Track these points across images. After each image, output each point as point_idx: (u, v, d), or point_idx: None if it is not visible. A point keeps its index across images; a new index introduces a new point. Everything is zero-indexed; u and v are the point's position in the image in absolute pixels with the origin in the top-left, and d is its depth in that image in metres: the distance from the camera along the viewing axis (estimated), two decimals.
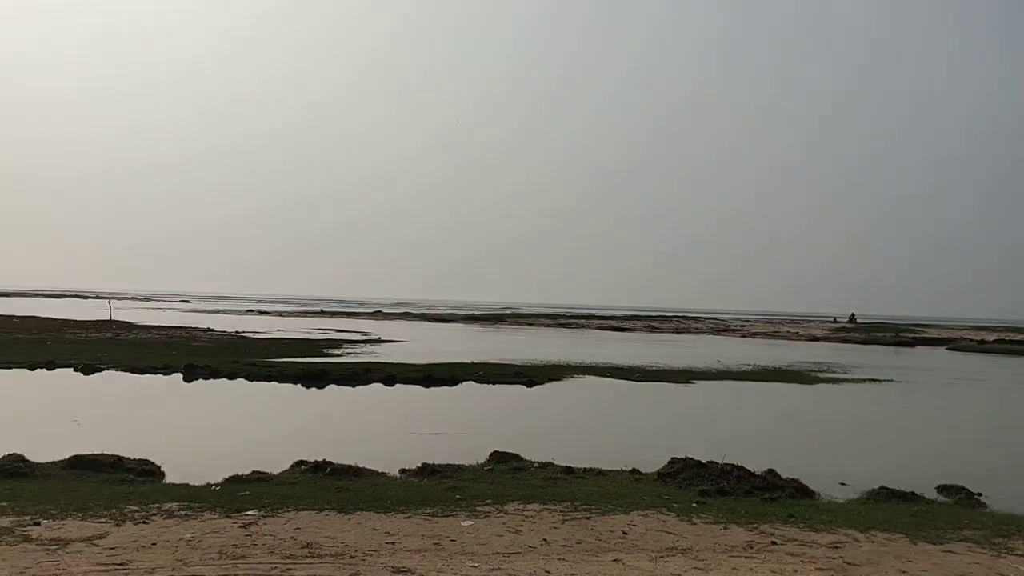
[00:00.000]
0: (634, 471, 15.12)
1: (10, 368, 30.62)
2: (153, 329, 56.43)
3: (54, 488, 11.97)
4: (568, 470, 14.83)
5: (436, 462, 14.94)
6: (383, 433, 20.43)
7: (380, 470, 14.59)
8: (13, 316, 65.78)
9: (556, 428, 22.20)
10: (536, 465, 15.32)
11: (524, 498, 12.18)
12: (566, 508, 11.64)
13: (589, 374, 36.05)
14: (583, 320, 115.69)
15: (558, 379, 33.38)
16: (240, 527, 9.94)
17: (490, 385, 30.88)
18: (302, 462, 14.46)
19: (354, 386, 29.34)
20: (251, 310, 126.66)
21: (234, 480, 13.14)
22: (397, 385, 29.86)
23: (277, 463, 14.49)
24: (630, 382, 33.85)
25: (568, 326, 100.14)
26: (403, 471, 14.70)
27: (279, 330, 65.49)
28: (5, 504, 10.59)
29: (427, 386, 29.88)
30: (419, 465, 14.79)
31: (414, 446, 17.97)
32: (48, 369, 30.98)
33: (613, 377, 35.30)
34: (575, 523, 10.81)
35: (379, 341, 55.70)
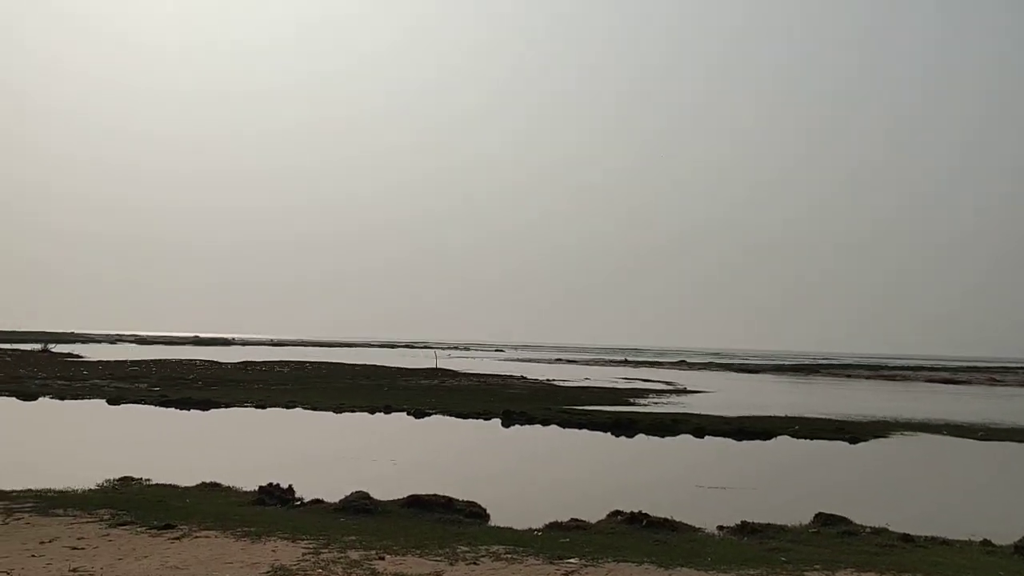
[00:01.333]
0: (985, 542, 13.41)
1: (354, 412, 33.96)
2: (473, 377, 60.10)
3: (395, 525, 12.96)
4: (906, 537, 13.48)
5: (755, 520, 14.29)
6: (695, 487, 19.95)
7: (696, 524, 14.22)
8: (355, 364, 73.29)
9: (886, 490, 20.39)
10: (868, 530, 14.10)
11: (857, 566, 11.21)
12: None
13: (921, 431, 32.87)
14: (909, 372, 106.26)
15: (884, 436, 30.76)
16: (562, 575, 10.08)
17: (807, 440, 29.17)
18: (618, 512, 14.47)
19: (663, 437, 29.10)
20: (559, 359, 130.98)
21: (554, 527, 13.44)
22: (707, 437, 29.18)
23: (593, 511, 14.62)
24: (972, 441, 30.37)
25: (892, 378, 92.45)
26: (720, 527, 14.21)
27: (586, 379, 66.89)
28: (354, 538, 11.59)
29: (739, 439, 28.87)
30: (738, 523, 14.21)
31: (725, 501, 17.36)
32: (385, 413, 33.99)
33: (950, 435, 31.88)
34: None
35: (685, 392, 54.97)
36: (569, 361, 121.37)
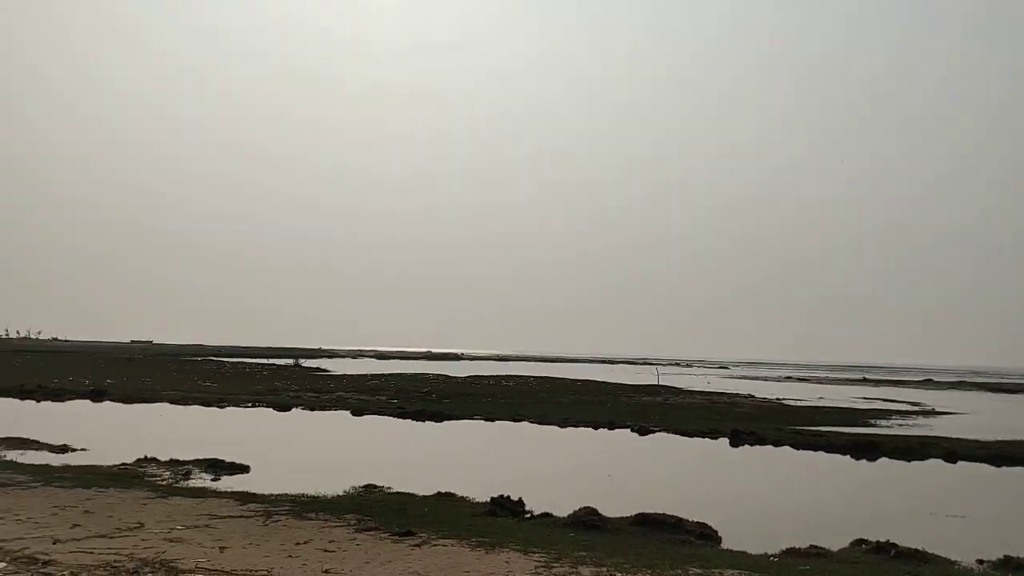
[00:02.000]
0: None
1: (579, 426, 34.22)
2: (697, 394, 58.82)
3: (624, 542, 12.85)
4: None
5: (1020, 555, 12.89)
6: (947, 516, 18.32)
7: (951, 557, 13.05)
8: (577, 380, 73.96)
9: None
10: None
11: None
12: None
13: None
14: None
15: None
16: None
17: None
18: (862, 541, 13.55)
19: (908, 461, 27.00)
20: (788, 377, 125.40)
21: (792, 552, 12.80)
22: (960, 463, 26.75)
23: (833, 538, 13.81)
24: None
25: None
26: (980, 561, 12.95)
27: (820, 398, 63.51)
28: (584, 554, 11.61)
29: (997, 465, 26.25)
30: (1000, 557, 12.89)
31: (984, 532, 15.81)
32: (609, 429, 33.97)
33: None
34: None
35: (933, 413, 50.76)
36: (800, 379, 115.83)
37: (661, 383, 72.40)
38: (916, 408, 54.36)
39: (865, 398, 66.46)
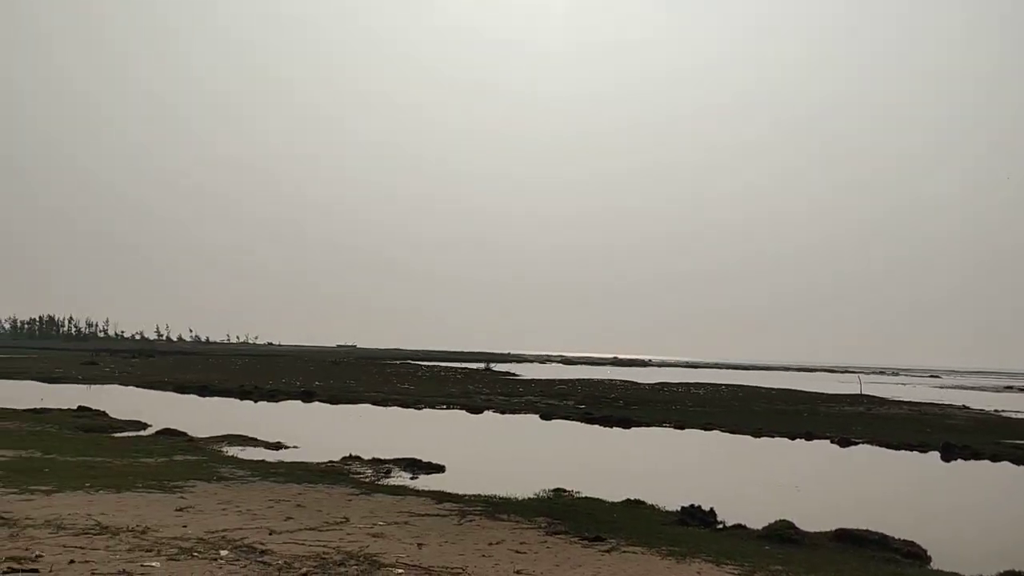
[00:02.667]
0: None
1: (773, 437, 33.01)
2: (904, 404, 55.25)
3: (823, 558, 12.29)
4: None
5: None
6: None
7: None
8: (772, 388, 71.35)
9: None
10: None
11: None
12: None
13: None
14: None
15: None
16: None
17: None
18: None
19: None
20: (1010, 387, 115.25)
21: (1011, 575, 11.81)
22: None
23: None
24: None
25: None
26: None
27: None
28: (780, 568, 11.21)
29: None
30: None
31: None
32: (806, 440, 32.55)
33: None
34: None
35: None
36: (1022, 390, 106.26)
37: (864, 392, 68.54)
38: None
39: None
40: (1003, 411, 53.63)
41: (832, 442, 31.83)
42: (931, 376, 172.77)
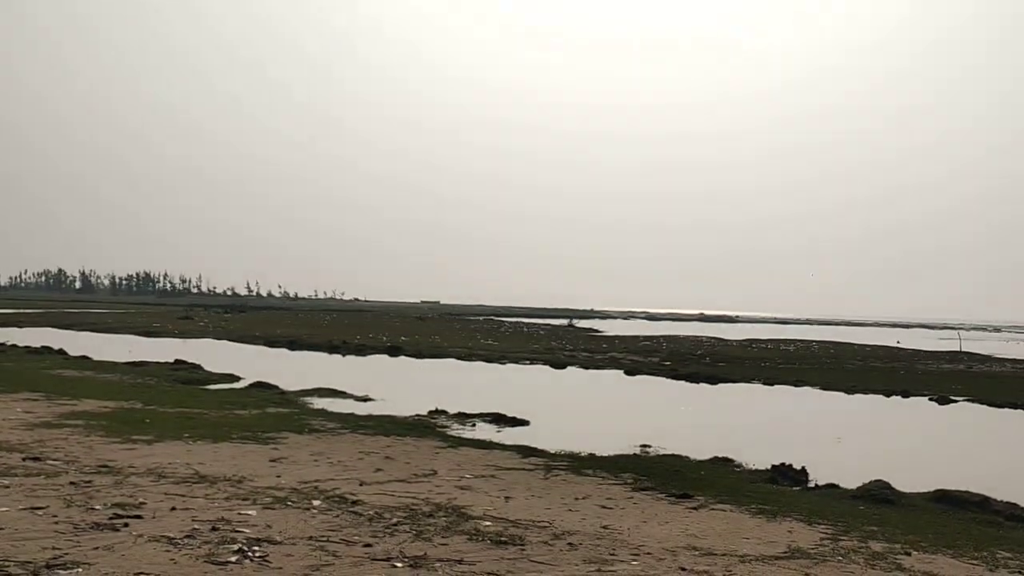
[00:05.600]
0: None
1: (866, 394, 32.13)
2: (1007, 362, 53.06)
3: (920, 520, 11.89)
4: None
5: None
6: None
7: None
8: (866, 345, 69.38)
9: None
10: None
11: None
12: None
13: None
14: None
15: None
16: None
17: None
18: None
19: None
20: None
21: None
22: None
23: None
24: None
25: None
26: None
27: None
28: (875, 528, 10.89)
29: None
30: None
31: None
32: (903, 397, 31.57)
33: None
34: None
35: None
36: None
37: (964, 349, 66.10)
38: None
39: None
40: None
41: (930, 400, 30.80)
42: None
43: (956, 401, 30.42)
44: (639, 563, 8.64)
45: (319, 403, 23.24)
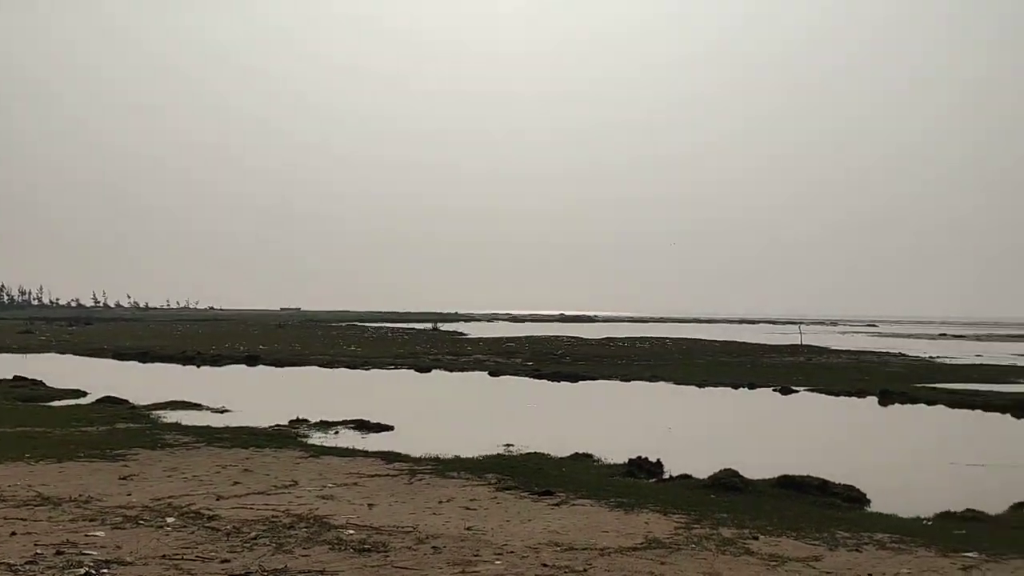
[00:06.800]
0: None
1: (716, 387, 33.63)
2: (843, 353, 56.69)
3: (767, 505, 12.59)
4: None
5: None
6: None
7: None
8: (715, 341, 72.58)
9: None
10: None
11: None
12: None
13: None
14: None
15: None
16: (960, 569, 9.13)
17: None
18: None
19: None
20: (944, 334, 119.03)
21: (947, 516, 12.21)
22: None
23: (992, 503, 13.07)
24: None
25: None
26: None
27: (978, 355, 60.05)
28: (726, 516, 11.45)
29: None
30: None
31: None
32: (749, 388, 33.20)
33: None
34: None
35: None
36: (956, 336, 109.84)
37: (804, 343, 70.14)
38: None
39: None
40: (937, 357, 55.42)
41: (774, 391, 32.56)
42: (869, 326, 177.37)
43: (797, 391, 32.29)
44: (502, 562, 8.78)
45: (173, 416, 22.31)
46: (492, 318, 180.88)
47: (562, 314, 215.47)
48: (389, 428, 21.15)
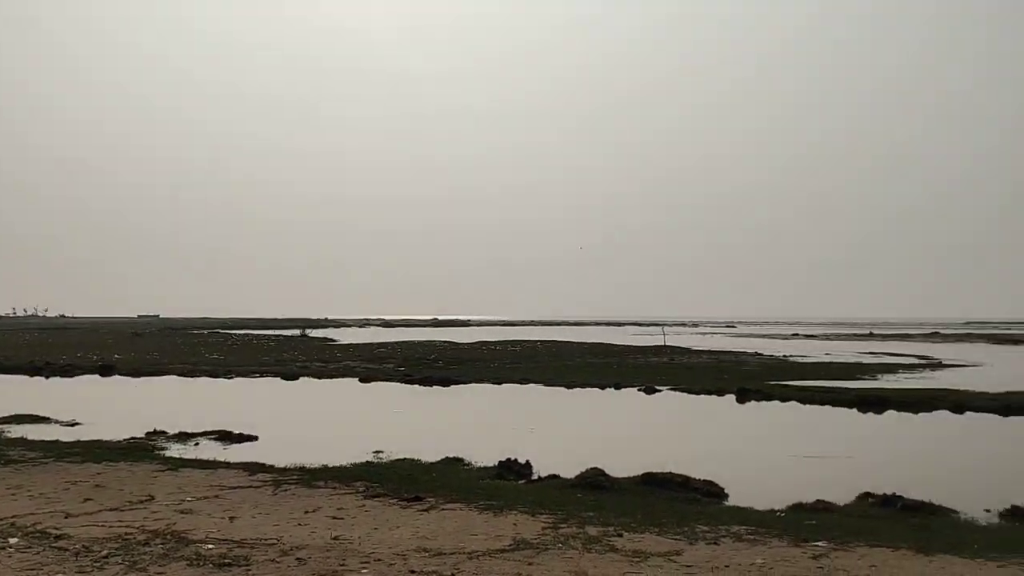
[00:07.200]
0: None
1: (585, 388, 34.31)
2: (704, 354, 58.90)
3: (631, 502, 12.91)
4: None
5: None
6: (955, 467, 18.40)
7: (959, 508, 13.12)
8: (584, 343, 74.03)
9: None
10: None
11: None
12: None
13: None
14: None
15: None
16: (811, 558, 9.59)
17: None
18: (869, 494, 13.60)
19: (915, 413, 27.07)
20: (796, 334, 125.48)
21: (799, 508, 12.85)
22: (968, 413, 26.79)
23: (840, 493, 13.85)
24: None
25: None
26: (988, 511, 13.02)
27: (827, 354, 63.59)
28: (592, 514, 11.66)
29: (1006, 415, 26.26)
30: (1009, 507, 12.94)
31: (993, 483, 15.87)
32: (616, 389, 34.05)
33: None
34: None
35: (940, 365, 50.83)
36: (808, 336, 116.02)
37: (667, 344, 72.46)
38: (923, 361, 54.42)
39: (872, 353, 66.51)
40: (790, 356, 58.34)
41: (639, 390, 33.49)
42: (728, 326, 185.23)
43: (661, 391, 33.34)
44: (369, 571, 8.64)
45: (18, 431, 20.91)
46: (364, 323, 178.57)
47: (436, 319, 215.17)
48: (253, 438, 20.52)
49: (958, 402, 28.25)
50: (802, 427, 25.19)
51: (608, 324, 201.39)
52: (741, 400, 30.57)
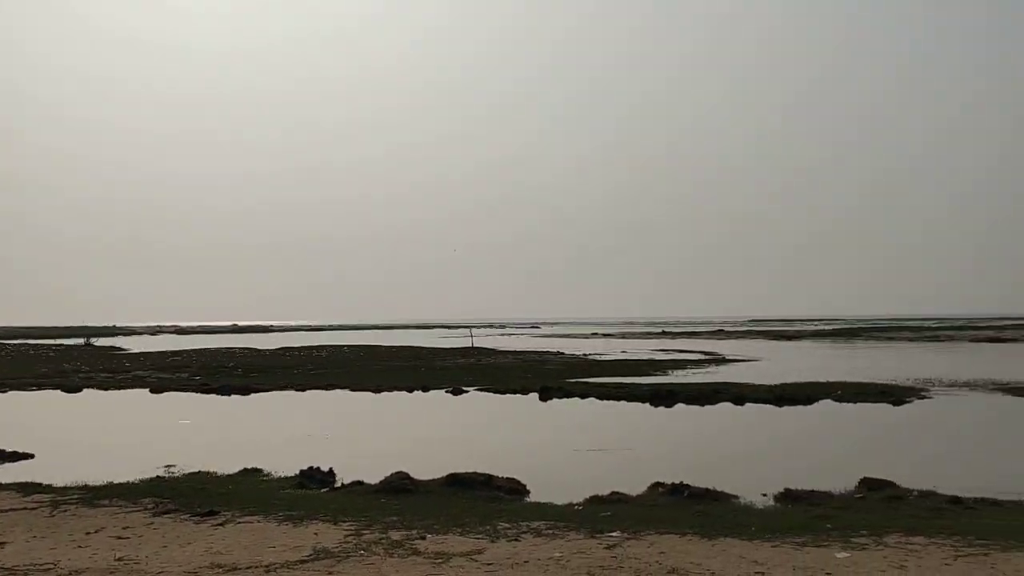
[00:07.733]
0: None
1: (393, 392, 34.11)
2: (509, 354, 60.10)
3: (435, 504, 12.95)
4: (955, 500, 13.21)
5: (799, 487, 14.12)
6: (736, 455, 19.77)
7: (739, 493, 14.09)
8: (391, 346, 73.62)
9: (933, 452, 20.05)
10: (915, 493, 13.84)
11: (906, 530, 10.99)
12: (958, 543, 10.28)
13: (966, 390, 32.34)
14: (953, 332, 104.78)
15: (929, 397, 30.30)
16: (605, 548, 10.00)
17: (850, 404, 28.77)
18: (659, 484, 14.36)
19: (702, 406, 28.89)
20: (595, 333, 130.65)
21: (595, 500, 13.36)
22: (747, 405, 28.90)
23: (634, 484, 14.52)
24: (1022, 399, 29.78)
25: (936, 339, 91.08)
26: (764, 495, 14.08)
27: (623, 352, 66.64)
28: (395, 519, 11.60)
29: (779, 406, 28.55)
30: (782, 490, 14.05)
31: (768, 468, 17.18)
32: (424, 392, 34.08)
33: (998, 393, 31.30)
34: (971, 560, 9.50)
35: (724, 361, 54.54)
36: (606, 335, 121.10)
37: (475, 345, 73.37)
38: (709, 357, 58.18)
39: (664, 350, 70.39)
40: (589, 355, 60.67)
41: (446, 392, 33.71)
42: (532, 327, 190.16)
43: (468, 391, 33.72)
44: None
45: None
46: (156, 331, 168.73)
47: (235, 325, 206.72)
48: (28, 456, 18.89)
49: (739, 394, 30.45)
50: (600, 422, 26.22)
51: (417, 327, 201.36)
52: (544, 398, 31.45)
